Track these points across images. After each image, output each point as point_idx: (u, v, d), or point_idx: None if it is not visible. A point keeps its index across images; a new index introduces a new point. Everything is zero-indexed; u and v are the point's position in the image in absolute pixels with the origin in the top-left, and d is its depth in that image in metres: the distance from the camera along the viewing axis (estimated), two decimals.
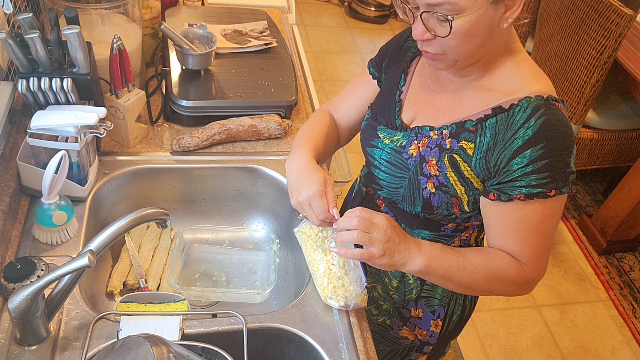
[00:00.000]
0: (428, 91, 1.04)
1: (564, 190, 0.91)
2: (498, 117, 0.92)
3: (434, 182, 0.99)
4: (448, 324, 1.20)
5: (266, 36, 1.61)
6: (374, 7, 4.21)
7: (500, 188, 0.93)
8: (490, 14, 0.85)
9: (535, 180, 0.89)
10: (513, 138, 0.90)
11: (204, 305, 1.24)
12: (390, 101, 1.08)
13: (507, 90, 0.94)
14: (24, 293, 0.83)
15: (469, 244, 1.12)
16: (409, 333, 1.23)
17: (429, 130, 1.00)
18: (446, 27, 0.85)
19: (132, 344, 0.75)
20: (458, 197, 0.99)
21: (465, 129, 0.95)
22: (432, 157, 0.99)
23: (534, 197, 0.90)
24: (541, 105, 0.89)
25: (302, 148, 1.08)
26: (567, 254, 2.78)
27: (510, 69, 0.95)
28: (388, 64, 1.13)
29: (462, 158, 0.95)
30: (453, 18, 0.83)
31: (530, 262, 0.98)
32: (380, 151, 1.07)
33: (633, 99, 2.68)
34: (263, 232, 1.38)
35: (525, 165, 0.89)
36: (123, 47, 1.19)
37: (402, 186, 1.05)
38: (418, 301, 1.18)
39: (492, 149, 0.92)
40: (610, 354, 2.39)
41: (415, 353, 1.27)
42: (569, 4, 2.31)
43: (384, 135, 1.07)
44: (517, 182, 0.91)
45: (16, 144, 1.19)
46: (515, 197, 0.91)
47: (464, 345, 2.30)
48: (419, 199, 1.02)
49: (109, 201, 1.26)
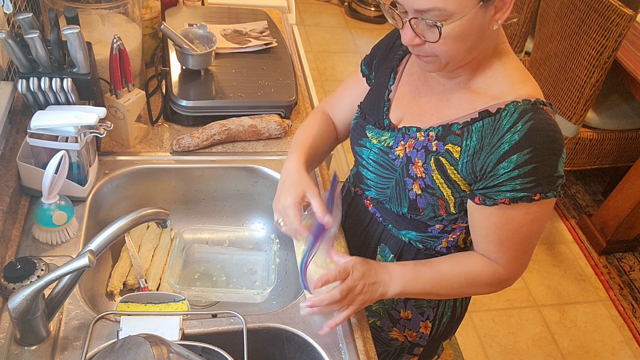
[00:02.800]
0: (416, 92, 1.03)
1: (549, 194, 0.90)
2: (485, 121, 0.91)
3: (420, 184, 0.99)
4: (438, 325, 1.20)
5: (266, 36, 1.61)
6: (374, 7, 4.21)
7: (485, 193, 0.92)
8: (480, 16, 0.84)
9: (520, 185, 0.89)
10: (500, 142, 0.89)
11: (204, 305, 1.24)
12: (379, 100, 1.08)
13: (495, 94, 0.93)
14: (24, 293, 0.83)
15: (457, 245, 1.11)
16: (399, 334, 1.23)
17: (415, 131, 1.00)
18: (435, 33, 0.84)
19: (132, 344, 0.75)
20: (444, 199, 0.98)
21: (451, 131, 0.95)
22: (418, 159, 0.98)
23: (518, 201, 0.90)
24: (528, 110, 0.88)
25: (295, 154, 1.09)
26: (567, 254, 2.78)
27: (498, 71, 0.94)
28: (379, 63, 1.12)
29: (449, 161, 0.95)
30: (442, 25, 0.82)
31: (505, 263, 0.99)
32: (369, 151, 1.07)
33: (633, 99, 2.68)
34: (263, 232, 1.38)
35: (511, 169, 0.88)
36: (123, 47, 1.19)
37: (389, 187, 1.05)
38: (407, 302, 1.18)
39: (478, 153, 0.91)
40: (610, 354, 2.39)
41: (406, 355, 1.27)
42: (569, 4, 2.31)
43: (372, 134, 1.07)
44: (502, 186, 0.90)
45: (16, 144, 1.19)
46: (500, 202, 0.91)
47: (464, 345, 2.30)
48: (405, 200, 1.02)
49: (109, 201, 1.26)
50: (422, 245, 1.10)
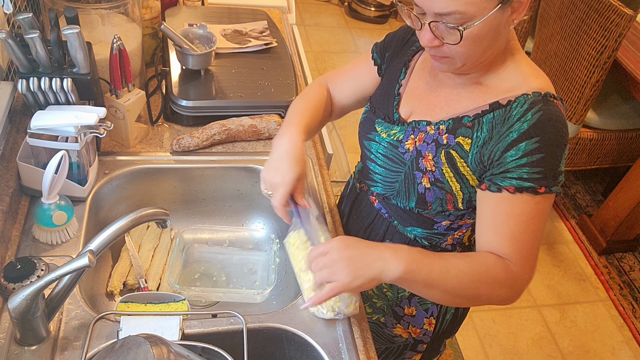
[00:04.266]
0: (427, 86, 1.04)
1: (553, 189, 0.90)
2: (495, 113, 0.92)
3: (430, 178, 0.99)
4: (441, 322, 1.20)
5: (266, 36, 1.61)
6: (374, 7, 4.21)
7: (491, 179, 0.92)
8: (498, 17, 0.85)
9: (527, 174, 0.88)
10: (508, 131, 0.90)
11: (204, 305, 1.24)
12: (390, 94, 1.08)
13: (506, 88, 0.94)
14: (24, 293, 0.83)
15: (462, 243, 1.11)
16: (403, 331, 1.24)
17: (425, 125, 1.00)
18: (456, 35, 0.84)
19: (132, 344, 0.75)
20: (453, 194, 0.99)
21: (462, 124, 0.95)
22: (428, 153, 0.99)
23: (523, 191, 0.89)
24: (539, 101, 0.89)
25: (294, 128, 1.06)
26: (567, 254, 2.78)
27: (510, 67, 0.95)
28: (392, 55, 1.13)
29: (459, 154, 0.95)
30: (464, 28, 0.83)
31: (518, 260, 0.92)
32: (377, 145, 1.08)
33: (633, 99, 2.68)
34: (263, 232, 1.38)
35: (519, 157, 0.88)
36: (123, 47, 1.19)
37: (398, 181, 1.05)
38: (411, 299, 1.18)
39: (487, 143, 0.92)
40: (610, 354, 2.39)
41: (409, 352, 1.27)
42: (569, 4, 2.31)
43: (382, 129, 1.07)
44: (508, 173, 0.89)
45: (16, 144, 1.19)
46: (504, 188, 0.90)
47: (464, 345, 2.30)
48: (414, 194, 1.02)
49: (109, 201, 1.26)
50: (427, 242, 1.10)
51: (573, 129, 2.52)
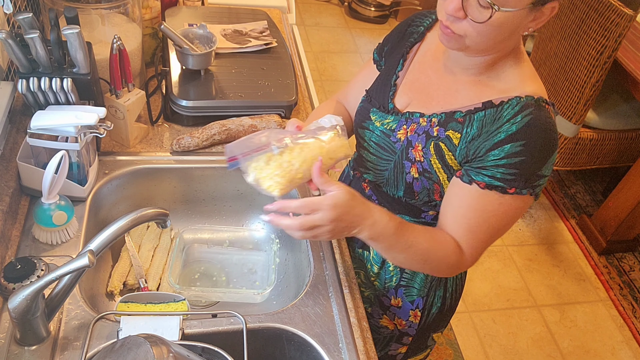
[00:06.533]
0: (427, 80, 1.06)
1: (524, 191, 0.92)
2: (487, 112, 0.94)
3: (418, 168, 1.01)
4: (427, 315, 1.21)
5: (266, 36, 1.61)
6: (374, 7, 4.21)
7: (467, 170, 0.95)
8: (523, 17, 0.86)
9: (501, 174, 0.91)
10: (497, 131, 0.92)
11: (204, 305, 1.24)
12: (386, 85, 1.10)
13: (503, 88, 0.96)
14: (24, 293, 0.83)
15: None
16: (389, 322, 1.24)
17: (419, 116, 1.03)
18: (484, 14, 0.84)
19: (132, 344, 0.75)
20: (440, 184, 1.01)
21: (454, 119, 0.98)
22: (418, 143, 1.01)
23: (492, 189, 0.92)
24: (530, 105, 0.91)
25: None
26: (567, 254, 2.78)
27: (510, 69, 0.97)
28: (390, 49, 1.15)
29: (447, 147, 0.98)
30: (499, 8, 0.83)
31: (467, 250, 0.99)
32: (371, 133, 1.10)
33: (633, 99, 2.68)
34: (263, 232, 1.38)
35: (500, 158, 0.91)
36: (123, 47, 1.19)
37: (387, 169, 1.07)
38: (397, 289, 1.19)
39: (475, 139, 0.94)
40: (610, 354, 2.39)
41: (394, 344, 1.28)
42: (569, 4, 2.31)
43: (376, 117, 1.09)
44: (484, 170, 0.93)
45: (16, 144, 1.19)
46: (475, 182, 0.94)
47: (464, 345, 2.30)
48: (402, 183, 1.05)
49: (109, 201, 1.26)
50: None
51: (573, 129, 2.52)
